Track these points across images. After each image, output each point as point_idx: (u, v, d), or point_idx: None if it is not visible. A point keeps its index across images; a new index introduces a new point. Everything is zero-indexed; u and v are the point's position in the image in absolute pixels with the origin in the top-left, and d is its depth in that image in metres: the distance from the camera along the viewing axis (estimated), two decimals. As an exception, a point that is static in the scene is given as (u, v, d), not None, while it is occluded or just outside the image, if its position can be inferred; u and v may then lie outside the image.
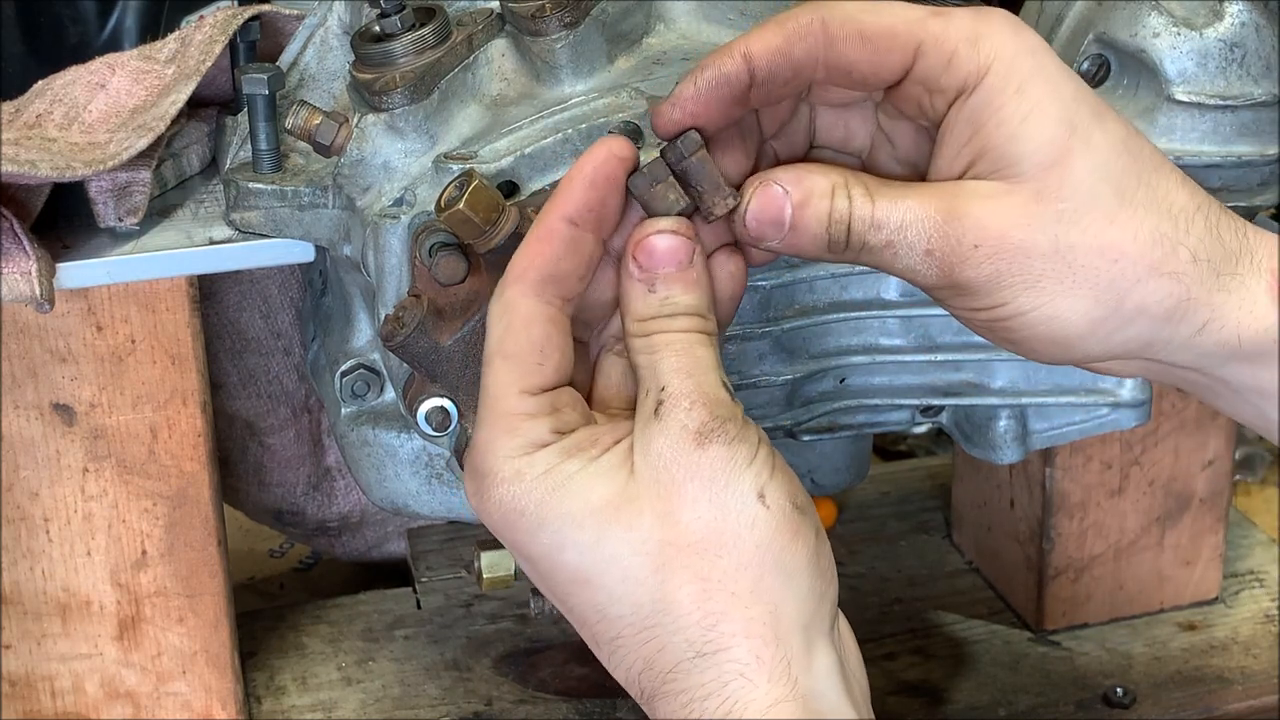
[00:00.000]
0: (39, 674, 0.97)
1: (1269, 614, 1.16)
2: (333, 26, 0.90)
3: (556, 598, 0.67)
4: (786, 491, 0.65)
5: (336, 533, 1.19)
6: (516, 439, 0.66)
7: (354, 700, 1.08)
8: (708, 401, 0.65)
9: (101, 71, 0.91)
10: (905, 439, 1.47)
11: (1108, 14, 0.84)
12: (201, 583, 0.98)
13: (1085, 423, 0.92)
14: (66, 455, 0.93)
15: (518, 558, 0.68)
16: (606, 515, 0.65)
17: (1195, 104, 0.83)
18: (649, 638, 0.65)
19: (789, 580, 0.64)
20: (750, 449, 0.65)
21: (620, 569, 0.65)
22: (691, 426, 0.65)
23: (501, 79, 0.84)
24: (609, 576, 0.65)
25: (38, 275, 0.82)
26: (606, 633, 0.66)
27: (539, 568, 0.67)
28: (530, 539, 0.66)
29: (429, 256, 0.77)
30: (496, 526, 0.67)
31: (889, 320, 0.88)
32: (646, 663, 0.65)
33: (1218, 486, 1.14)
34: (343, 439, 0.90)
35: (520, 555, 0.67)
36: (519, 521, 0.66)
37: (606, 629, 0.66)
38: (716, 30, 0.86)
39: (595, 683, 1.08)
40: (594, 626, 0.66)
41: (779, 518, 0.64)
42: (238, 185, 0.87)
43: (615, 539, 0.65)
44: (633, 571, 0.64)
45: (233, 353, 1.06)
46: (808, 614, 0.65)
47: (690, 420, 0.65)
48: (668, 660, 0.64)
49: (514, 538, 0.67)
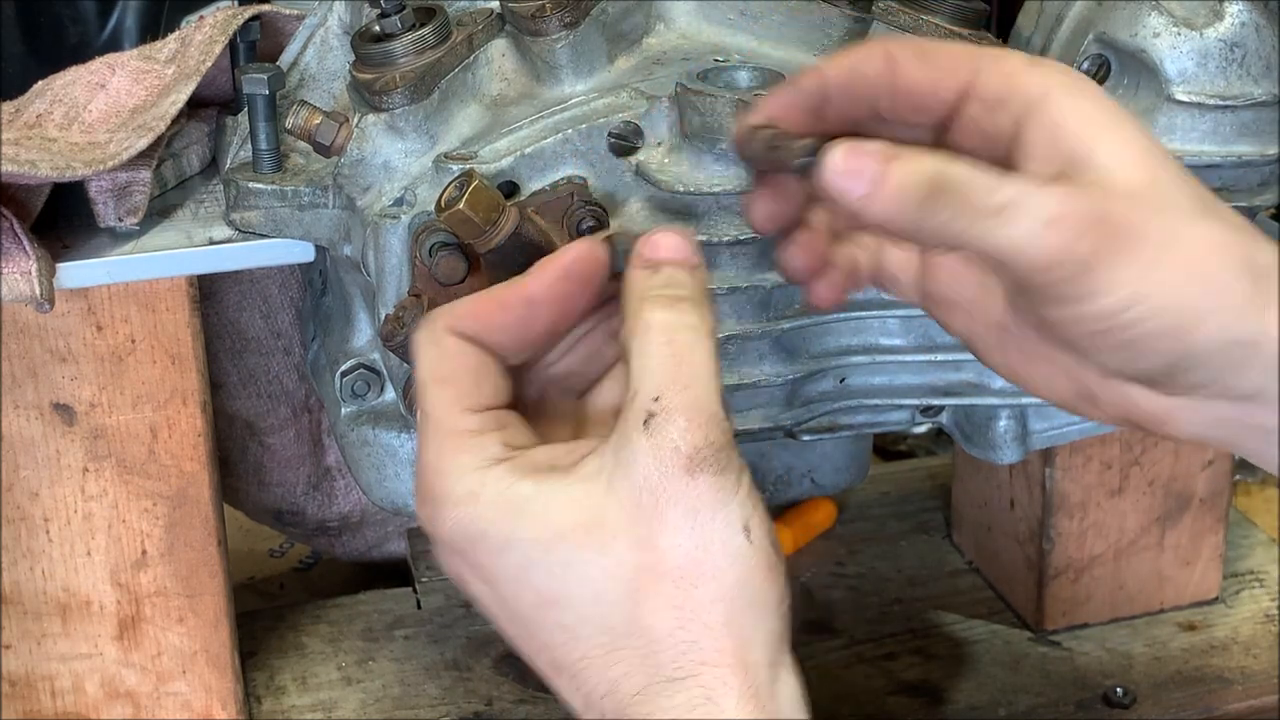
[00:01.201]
0: (39, 674, 0.97)
1: (1269, 614, 1.16)
2: (333, 26, 0.90)
3: (518, 621, 0.65)
4: (766, 526, 0.64)
5: (336, 533, 1.19)
6: (465, 456, 0.64)
7: (354, 700, 1.08)
8: (703, 422, 0.62)
9: (101, 71, 0.91)
10: (905, 439, 1.47)
11: (1108, 14, 0.84)
12: (201, 583, 0.98)
13: (1085, 423, 0.92)
14: (66, 455, 0.93)
15: (470, 584, 0.65)
16: (577, 538, 0.62)
17: (1195, 104, 0.83)
18: (617, 659, 0.63)
19: (760, 616, 0.63)
20: (736, 478, 0.63)
21: (592, 591, 0.63)
22: (684, 450, 0.62)
23: (501, 79, 0.84)
24: (579, 598, 0.63)
25: (38, 275, 0.82)
26: (572, 654, 0.64)
27: (501, 590, 0.65)
28: (494, 561, 0.64)
29: (429, 256, 0.77)
30: (456, 549, 0.65)
31: (889, 320, 0.87)
32: (612, 685, 0.63)
33: (1218, 486, 1.14)
34: (343, 439, 0.90)
35: (478, 579, 0.65)
36: (480, 544, 0.64)
37: (572, 650, 0.64)
38: (716, 30, 0.86)
39: (595, 683, 1.08)
40: (558, 649, 0.64)
41: (760, 553, 0.63)
42: (238, 185, 0.87)
43: (587, 562, 0.62)
44: (606, 594, 0.63)
45: (233, 353, 1.06)
46: (774, 646, 0.64)
47: (683, 443, 0.62)
48: (635, 683, 0.63)
49: (475, 560, 0.64)
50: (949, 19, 0.87)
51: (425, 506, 0.65)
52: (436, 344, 0.66)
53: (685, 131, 0.80)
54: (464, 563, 0.65)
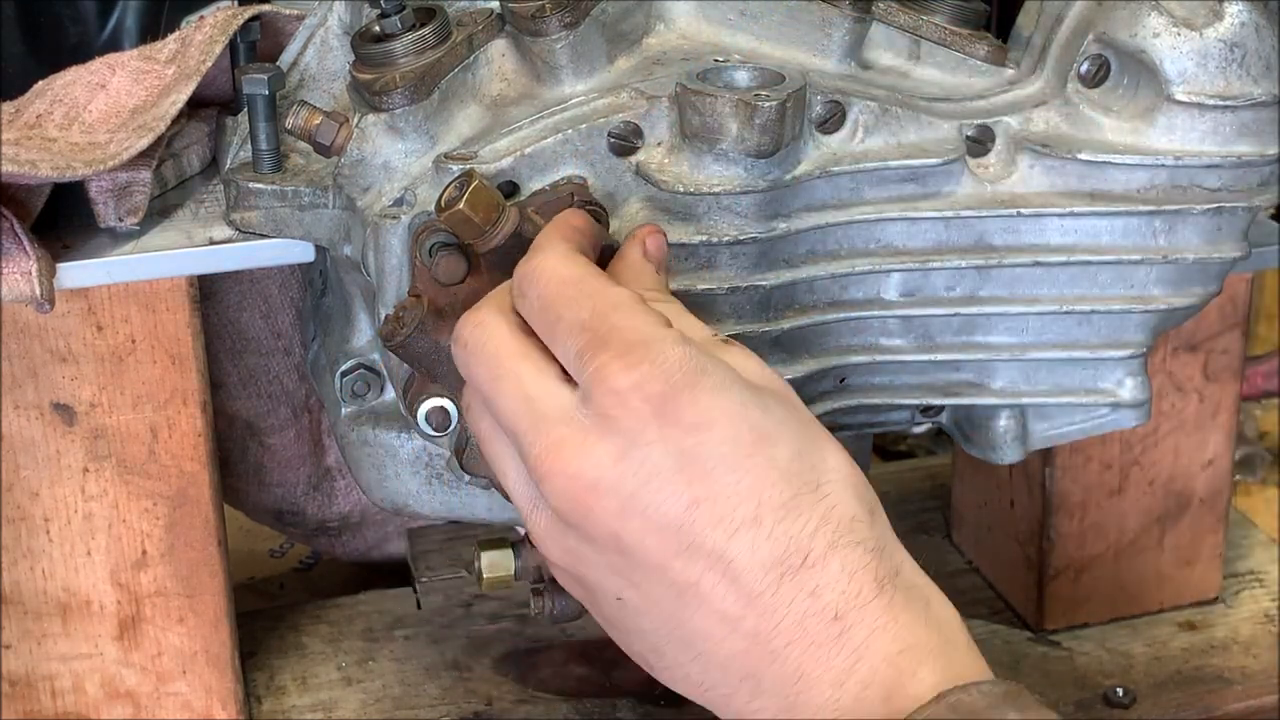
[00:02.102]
0: (39, 674, 0.97)
1: (1269, 614, 1.16)
2: (333, 26, 0.90)
3: (724, 465, 0.66)
4: None
5: (336, 533, 1.19)
6: (660, 313, 0.69)
7: (354, 700, 1.08)
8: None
9: (101, 71, 0.91)
10: (905, 439, 1.47)
11: (1108, 14, 0.84)
12: (201, 583, 0.98)
13: (1085, 423, 0.92)
14: (66, 455, 0.93)
15: (656, 442, 0.66)
16: (774, 387, 0.70)
17: (1195, 104, 0.83)
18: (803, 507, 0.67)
19: None
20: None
21: (791, 431, 0.68)
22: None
23: (501, 79, 0.84)
24: (784, 438, 0.67)
25: (38, 275, 0.82)
26: (784, 493, 0.66)
27: (716, 432, 0.66)
28: (712, 400, 0.66)
29: (429, 256, 0.77)
30: (669, 389, 0.66)
31: (889, 320, 0.88)
32: (822, 521, 0.67)
33: (1218, 486, 1.14)
34: (343, 439, 0.90)
35: (676, 426, 0.66)
36: (700, 380, 0.67)
37: (784, 489, 0.66)
38: (716, 30, 0.86)
39: (595, 683, 1.08)
40: (770, 488, 0.66)
41: None
42: (238, 185, 0.87)
43: (783, 404, 0.69)
44: (797, 437, 0.68)
45: (233, 353, 1.06)
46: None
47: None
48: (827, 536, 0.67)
49: (693, 395, 0.66)
50: (949, 19, 0.87)
51: (631, 354, 0.67)
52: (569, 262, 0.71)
53: (685, 131, 0.80)
54: (682, 400, 0.66)
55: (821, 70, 0.85)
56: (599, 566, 0.69)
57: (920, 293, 0.87)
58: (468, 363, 0.71)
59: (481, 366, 0.70)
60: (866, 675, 0.65)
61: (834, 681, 0.66)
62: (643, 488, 0.66)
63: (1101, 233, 0.86)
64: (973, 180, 0.85)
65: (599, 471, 0.66)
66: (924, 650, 0.66)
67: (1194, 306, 0.89)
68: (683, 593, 0.67)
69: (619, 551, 0.67)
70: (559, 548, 0.70)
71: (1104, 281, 0.87)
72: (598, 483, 0.67)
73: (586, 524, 0.67)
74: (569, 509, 0.67)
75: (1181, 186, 0.85)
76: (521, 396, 0.69)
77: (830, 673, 0.66)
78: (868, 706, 0.65)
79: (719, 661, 0.67)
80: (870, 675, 0.65)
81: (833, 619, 0.66)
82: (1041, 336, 0.88)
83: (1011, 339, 0.88)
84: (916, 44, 0.87)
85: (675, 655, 0.69)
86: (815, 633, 0.66)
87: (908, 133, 0.84)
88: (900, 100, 0.84)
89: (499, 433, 0.71)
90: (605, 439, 0.67)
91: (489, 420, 0.72)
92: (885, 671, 0.66)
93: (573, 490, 0.67)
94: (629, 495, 0.66)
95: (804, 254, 0.84)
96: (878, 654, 0.66)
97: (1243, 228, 0.87)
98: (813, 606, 0.66)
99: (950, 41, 0.87)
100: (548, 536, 0.70)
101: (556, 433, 0.67)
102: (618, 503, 0.66)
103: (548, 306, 0.69)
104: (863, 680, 0.65)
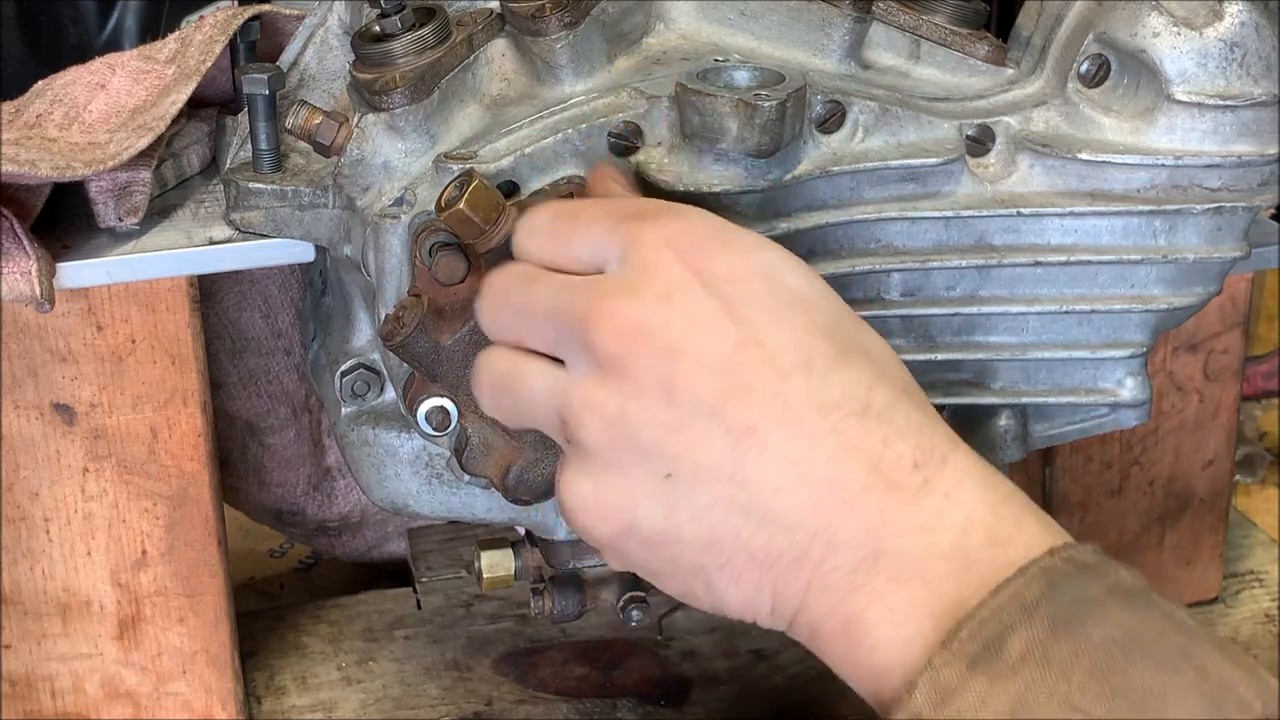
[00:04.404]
0: (39, 674, 0.97)
1: (1269, 614, 1.16)
2: (333, 26, 0.90)
3: (765, 313, 0.66)
4: None
5: (336, 533, 1.19)
6: None
7: (354, 700, 1.08)
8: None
9: (101, 71, 0.91)
10: (905, 439, 1.47)
11: (1108, 14, 0.84)
12: (201, 583, 0.98)
13: (1085, 423, 0.92)
14: (66, 455, 0.93)
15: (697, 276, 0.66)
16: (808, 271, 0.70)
17: (1195, 104, 0.83)
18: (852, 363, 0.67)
19: None
20: None
21: (832, 305, 0.69)
22: None
23: (501, 79, 0.84)
24: (823, 305, 0.68)
25: (38, 275, 0.82)
26: (827, 349, 0.66)
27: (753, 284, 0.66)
28: (747, 254, 0.67)
29: (429, 256, 0.77)
30: (702, 237, 0.67)
31: (889, 320, 0.87)
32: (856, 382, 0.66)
33: (1218, 486, 1.14)
34: (343, 439, 0.90)
35: (720, 270, 0.66)
36: (732, 240, 0.67)
37: (829, 346, 0.66)
38: (716, 30, 0.86)
39: (595, 683, 1.08)
40: (816, 341, 0.66)
41: None
42: (238, 185, 0.87)
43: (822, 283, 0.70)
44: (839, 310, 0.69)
45: (233, 353, 1.06)
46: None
47: None
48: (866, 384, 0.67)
49: (725, 251, 0.67)
50: (949, 19, 0.87)
51: (660, 216, 0.68)
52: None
53: (685, 131, 0.80)
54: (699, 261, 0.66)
55: (821, 70, 0.85)
56: (646, 427, 0.65)
57: (920, 292, 0.87)
58: (498, 290, 0.70)
59: (514, 280, 0.70)
60: (962, 521, 0.61)
61: (924, 525, 0.61)
62: (690, 326, 0.65)
63: (1102, 232, 0.86)
64: (973, 180, 0.85)
65: (645, 313, 0.65)
66: (1023, 502, 0.62)
67: (1194, 306, 0.89)
68: (739, 440, 0.63)
69: (669, 402, 0.64)
70: (600, 419, 0.66)
71: (1104, 281, 0.87)
72: (645, 323, 0.65)
73: (636, 369, 0.65)
74: (617, 354, 0.65)
75: (1181, 186, 0.85)
76: (559, 281, 0.68)
77: (920, 516, 0.61)
78: (971, 553, 0.60)
79: (786, 523, 0.63)
80: (967, 521, 0.61)
81: (912, 467, 0.62)
82: (1042, 336, 0.88)
83: (1012, 339, 0.88)
84: (916, 44, 0.87)
85: (736, 530, 0.64)
86: (894, 477, 0.62)
87: (908, 132, 0.84)
88: (900, 100, 0.84)
89: (522, 356, 0.70)
90: (647, 286, 0.65)
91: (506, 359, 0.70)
92: (985, 518, 0.61)
93: (621, 331, 0.65)
94: (677, 332, 0.65)
95: (804, 254, 0.84)
96: (972, 498, 0.61)
97: (1243, 227, 0.87)
98: (886, 454, 0.62)
99: (950, 41, 0.87)
100: (587, 409, 0.66)
101: (600, 287, 0.66)
102: (665, 342, 0.65)
103: (560, 214, 0.70)
104: (958, 525, 0.61)
